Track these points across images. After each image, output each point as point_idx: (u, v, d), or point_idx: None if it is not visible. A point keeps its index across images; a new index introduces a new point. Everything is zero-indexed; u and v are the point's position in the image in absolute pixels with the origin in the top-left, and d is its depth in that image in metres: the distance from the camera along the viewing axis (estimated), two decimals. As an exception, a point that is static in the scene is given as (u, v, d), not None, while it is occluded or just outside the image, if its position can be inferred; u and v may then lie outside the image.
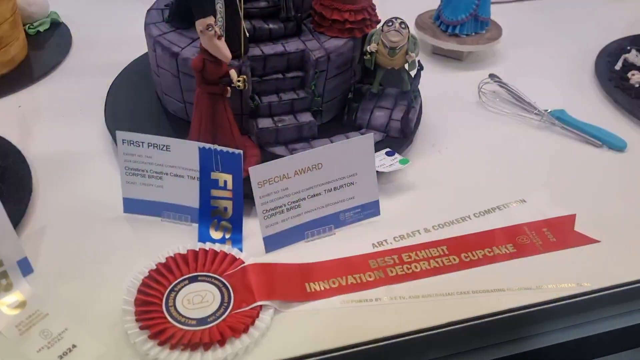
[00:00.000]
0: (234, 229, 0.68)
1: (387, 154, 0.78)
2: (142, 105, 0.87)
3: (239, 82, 0.69)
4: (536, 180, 0.81)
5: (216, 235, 0.69)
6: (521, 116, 0.92)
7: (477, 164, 0.83)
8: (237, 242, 0.68)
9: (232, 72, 0.69)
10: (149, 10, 0.85)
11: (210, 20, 0.64)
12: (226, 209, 0.68)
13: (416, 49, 0.81)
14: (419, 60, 0.82)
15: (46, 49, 1.04)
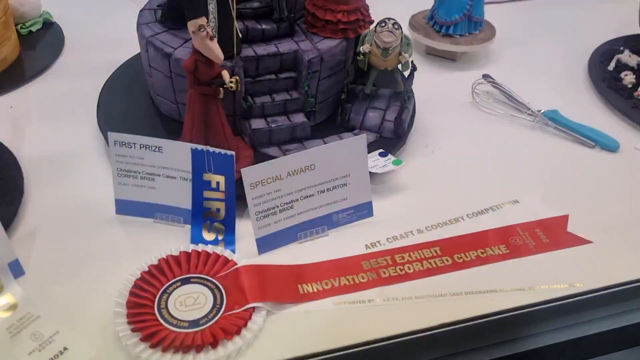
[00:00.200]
0: (227, 231, 0.68)
1: (380, 154, 0.78)
2: (134, 106, 0.87)
3: (232, 83, 0.68)
4: (529, 180, 0.81)
5: (209, 236, 0.68)
6: (514, 117, 0.92)
7: (471, 164, 0.83)
8: (229, 243, 0.68)
9: (225, 73, 0.69)
10: (142, 10, 0.85)
11: (202, 21, 0.64)
12: (219, 211, 0.68)
13: (409, 49, 0.81)
14: (412, 61, 0.82)
15: (38, 49, 1.03)
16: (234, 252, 0.67)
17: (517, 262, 0.68)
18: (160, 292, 0.62)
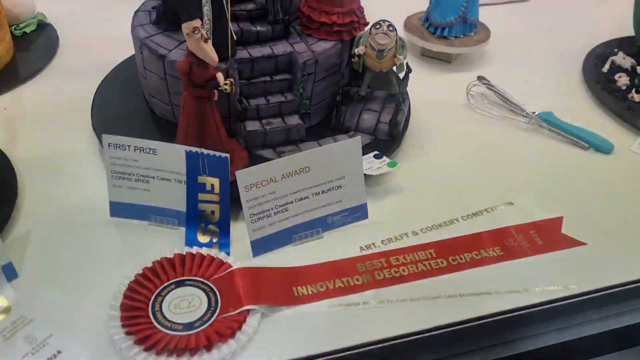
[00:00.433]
0: (221, 233, 0.68)
1: (375, 156, 0.78)
2: (129, 107, 0.87)
3: (226, 85, 0.68)
4: (523, 182, 0.81)
5: (203, 239, 0.68)
6: (509, 118, 0.92)
7: (465, 166, 0.83)
8: (224, 246, 0.68)
9: (219, 75, 0.69)
10: (136, 12, 0.85)
11: (196, 23, 0.64)
12: (213, 213, 0.68)
13: (404, 51, 0.81)
14: (407, 62, 0.82)
15: (32, 50, 1.03)
16: (228, 254, 0.67)
17: (512, 264, 0.69)
18: (154, 295, 0.62)
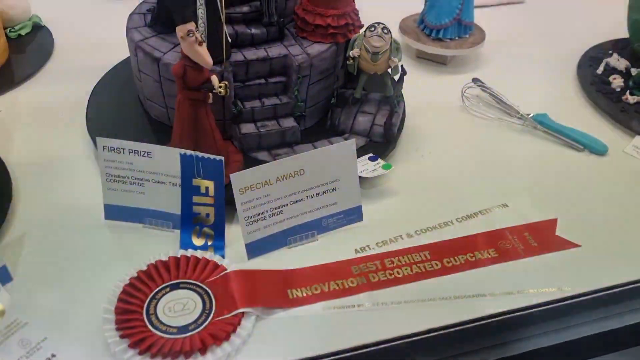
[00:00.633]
0: (216, 236, 0.68)
1: (370, 159, 0.78)
2: (124, 110, 0.87)
3: (221, 88, 0.68)
4: (518, 184, 0.81)
5: (198, 242, 0.68)
6: (504, 120, 0.92)
7: (460, 168, 0.84)
8: (219, 248, 0.68)
9: (214, 78, 0.69)
10: (131, 14, 0.85)
11: (190, 26, 0.64)
12: (208, 216, 0.68)
13: (399, 54, 0.81)
14: (402, 65, 0.82)
15: (27, 52, 1.03)
16: (223, 257, 0.67)
17: (506, 266, 0.69)
18: (149, 298, 0.62)
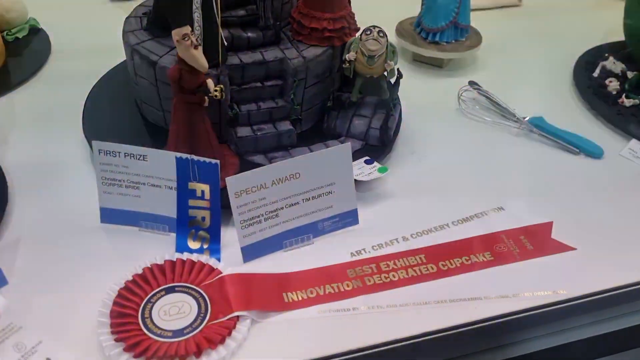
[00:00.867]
0: (212, 239, 0.68)
1: (366, 162, 0.78)
2: (121, 113, 0.87)
3: (216, 91, 0.68)
4: (514, 187, 0.81)
5: (194, 245, 0.68)
6: (500, 123, 0.93)
7: (456, 171, 0.84)
8: (215, 252, 0.68)
9: (210, 81, 0.69)
10: (127, 18, 0.85)
11: (186, 29, 0.64)
12: (204, 219, 0.68)
13: (395, 57, 0.81)
14: (398, 68, 0.82)
15: (24, 55, 1.03)
16: (219, 260, 0.67)
17: (502, 269, 0.69)
18: (144, 302, 0.62)
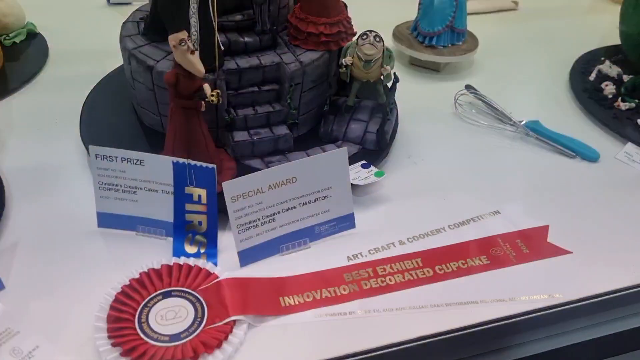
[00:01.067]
0: (209, 243, 0.68)
1: (363, 166, 0.79)
2: (118, 117, 0.87)
3: (213, 96, 0.69)
4: (510, 191, 0.82)
5: (191, 249, 0.68)
6: (496, 127, 0.93)
7: (453, 175, 0.84)
8: (211, 256, 0.68)
9: (206, 86, 0.69)
10: (125, 22, 0.85)
11: (183, 35, 0.64)
12: (201, 223, 0.68)
13: (391, 62, 0.81)
14: (394, 72, 0.83)
15: (22, 60, 1.03)
16: (215, 264, 0.67)
17: (498, 273, 0.69)
18: (141, 306, 0.62)
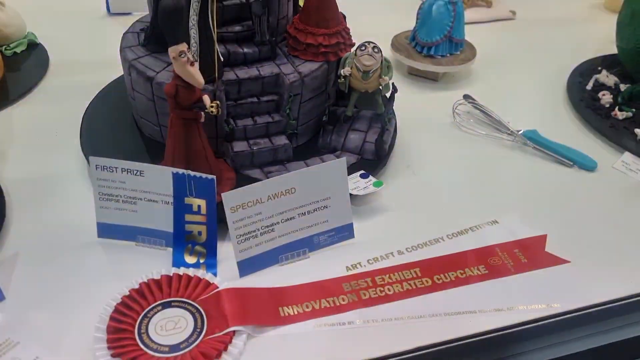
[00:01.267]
0: (208, 254, 0.69)
1: (361, 176, 0.79)
2: (118, 128, 0.87)
3: (212, 107, 0.69)
4: (508, 200, 0.82)
5: (190, 259, 0.69)
6: (494, 136, 0.93)
7: (451, 184, 0.84)
8: (211, 266, 0.68)
9: (206, 97, 0.69)
10: (125, 33, 0.86)
11: (182, 47, 0.65)
12: (200, 234, 0.68)
13: (389, 72, 0.82)
14: (393, 83, 0.83)
15: (23, 70, 1.04)
16: (215, 275, 0.68)
17: (496, 283, 0.69)
18: (141, 317, 0.62)
